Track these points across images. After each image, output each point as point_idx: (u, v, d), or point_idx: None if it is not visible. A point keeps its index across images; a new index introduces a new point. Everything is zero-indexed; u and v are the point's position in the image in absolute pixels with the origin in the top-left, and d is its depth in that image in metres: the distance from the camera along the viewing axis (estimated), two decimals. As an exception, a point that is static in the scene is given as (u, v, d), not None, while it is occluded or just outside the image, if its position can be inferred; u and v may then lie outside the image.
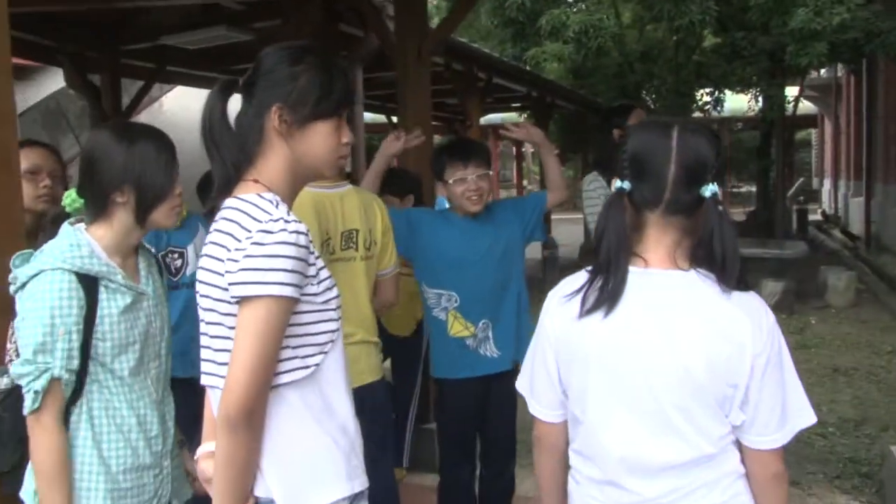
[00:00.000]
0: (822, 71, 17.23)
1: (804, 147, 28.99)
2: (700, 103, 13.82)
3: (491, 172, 2.99)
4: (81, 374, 1.70)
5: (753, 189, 17.55)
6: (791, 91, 13.29)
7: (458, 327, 2.94)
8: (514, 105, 15.49)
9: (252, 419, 1.41)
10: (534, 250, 11.67)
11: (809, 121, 23.10)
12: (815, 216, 18.21)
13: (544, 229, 3.16)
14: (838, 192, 19.12)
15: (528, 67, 11.62)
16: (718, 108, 13.74)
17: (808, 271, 9.80)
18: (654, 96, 13.48)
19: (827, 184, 21.78)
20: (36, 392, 1.64)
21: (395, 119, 10.86)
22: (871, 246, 13.15)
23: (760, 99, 12.77)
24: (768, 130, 13.48)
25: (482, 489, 3.19)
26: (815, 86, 18.38)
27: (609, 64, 12.94)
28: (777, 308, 8.60)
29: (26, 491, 1.77)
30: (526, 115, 17.37)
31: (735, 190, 25.58)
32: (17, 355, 1.73)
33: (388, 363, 3.74)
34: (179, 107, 9.60)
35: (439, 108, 13.63)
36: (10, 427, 1.79)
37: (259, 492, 1.48)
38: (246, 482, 1.45)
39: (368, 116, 11.20)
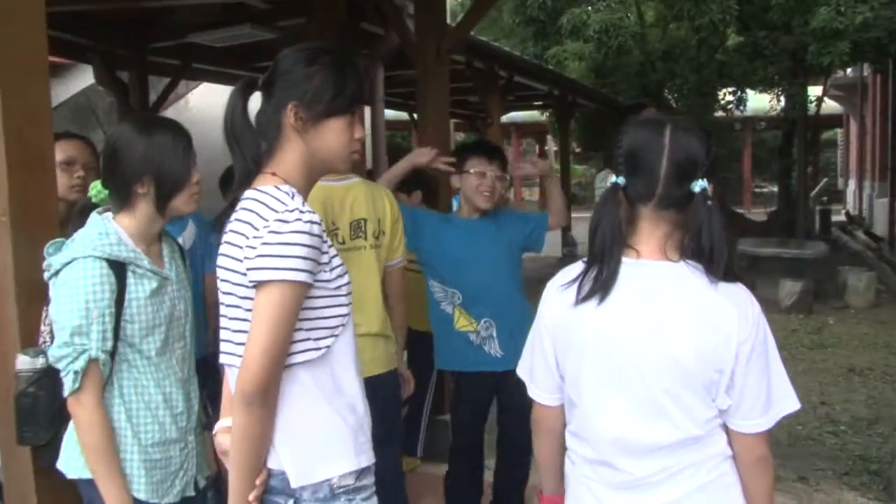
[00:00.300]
0: (849, 70, 17.05)
1: (830, 147, 28.68)
2: (722, 102, 13.79)
3: (508, 177, 3.11)
4: (112, 355, 1.81)
5: (776, 189, 17.43)
6: (815, 90, 13.20)
7: (463, 322, 3.06)
8: (535, 103, 15.53)
9: (266, 396, 1.51)
10: (553, 248, 11.73)
11: (835, 120, 22.85)
12: (839, 217, 18.04)
13: (542, 244, 3.26)
14: (863, 193, 18.92)
15: (550, 66, 11.68)
16: (741, 108, 13.70)
17: (828, 271, 9.77)
18: (675, 95, 13.45)
19: (852, 184, 21.55)
20: (76, 373, 1.75)
21: (416, 116, 10.95)
22: (894, 247, 13.04)
23: (783, 98, 12.70)
24: (790, 130, 13.40)
25: (497, 480, 3.28)
26: (840, 85, 18.19)
27: (631, 63, 12.94)
28: (795, 308, 8.62)
29: (62, 462, 1.89)
30: (548, 114, 17.41)
31: (757, 190, 25.38)
32: (51, 339, 1.85)
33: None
34: (205, 103, 9.76)
35: (461, 106, 13.71)
36: (45, 405, 1.90)
37: (272, 464, 1.58)
38: (260, 455, 1.56)
39: (390, 113, 11.29)
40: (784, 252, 9.60)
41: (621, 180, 1.57)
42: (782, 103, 12.74)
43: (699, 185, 1.52)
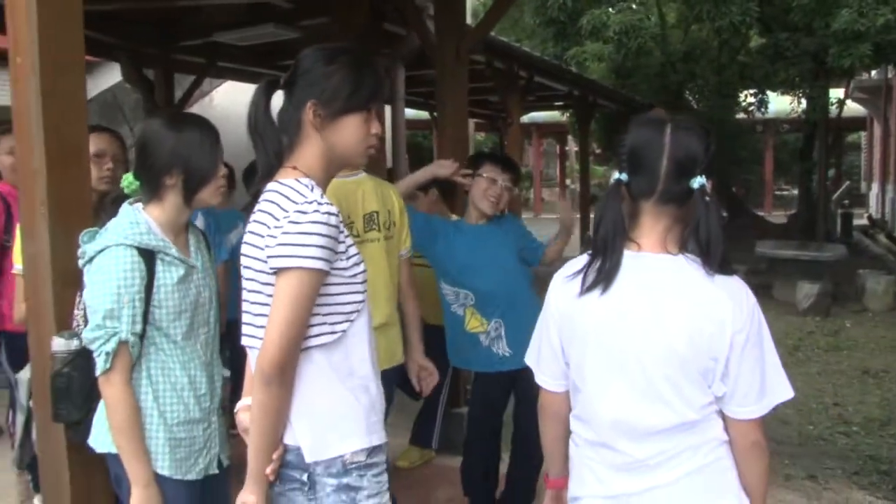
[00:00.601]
0: (873, 73, 16.91)
1: (854, 150, 28.41)
2: (744, 104, 13.73)
3: (516, 190, 3.23)
4: (141, 338, 1.91)
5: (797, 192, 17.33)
6: (838, 93, 13.10)
7: (474, 323, 3.17)
8: (555, 104, 15.54)
9: (284, 375, 1.60)
10: (572, 247, 11.74)
11: (859, 123, 22.63)
12: (862, 220, 17.90)
13: (536, 263, 3.35)
14: (886, 196, 18.76)
15: (572, 67, 11.71)
16: (762, 110, 13.65)
17: (847, 274, 9.73)
18: (696, 97, 13.43)
19: (875, 188, 21.35)
20: (107, 354, 1.85)
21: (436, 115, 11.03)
22: (916, 251, 12.94)
23: (804, 100, 12.64)
24: (811, 132, 13.33)
25: (510, 471, 3.37)
26: (864, 87, 18.02)
27: (651, 63, 12.94)
28: (812, 310, 8.60)
29: (93, 438, 2.00)
30: (568, 114, 17.43)
31: (779, 193, 25.19)
32: (85, 322, 1.96)
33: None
34: (229, 101, 9.90)
35: (482, 106, 13.77)
36: (78, 385, 2.01)
37: (288, 440, 1.68)
38: (277, 431, 1.66)
39: (410, 112, 11.38)
40: (802, 254, 9.58)
41: (624, 177, 1.65)
42: (803, 105, 12.66)
43: (698, 181, 1.60)
